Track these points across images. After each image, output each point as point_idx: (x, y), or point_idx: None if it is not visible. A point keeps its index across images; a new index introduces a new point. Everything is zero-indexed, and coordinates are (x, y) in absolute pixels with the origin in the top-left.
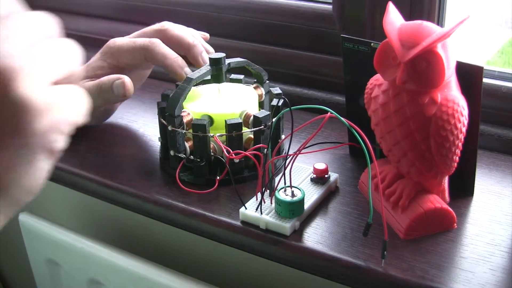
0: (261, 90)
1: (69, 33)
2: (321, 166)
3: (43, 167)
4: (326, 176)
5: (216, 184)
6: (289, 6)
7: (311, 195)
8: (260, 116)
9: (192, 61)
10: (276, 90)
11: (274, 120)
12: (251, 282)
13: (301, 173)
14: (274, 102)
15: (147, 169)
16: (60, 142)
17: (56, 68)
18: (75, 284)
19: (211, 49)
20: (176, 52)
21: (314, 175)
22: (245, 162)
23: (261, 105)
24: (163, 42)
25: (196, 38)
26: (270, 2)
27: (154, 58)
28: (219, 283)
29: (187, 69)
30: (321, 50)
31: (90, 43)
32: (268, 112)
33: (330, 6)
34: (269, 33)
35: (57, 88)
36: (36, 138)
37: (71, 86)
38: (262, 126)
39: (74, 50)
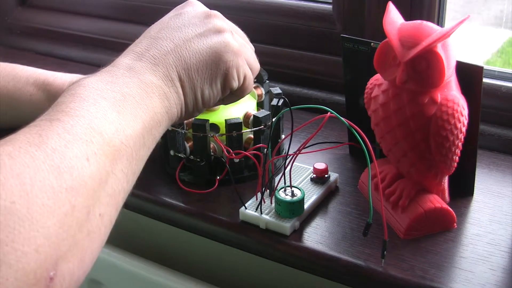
0: (261, 90)
1: (69, 33)
2: (321, 166)
3: (218, 91)
4: (326, 176)
5: (216, 184)
6: (289, 6)
7: (311, 195)
8: (260, 116)
9: None
10: (276, 90)
11: (274, 120)
12: (251, 282)
13: (301, 173)
14: (274, 102)
15: (147, 169)
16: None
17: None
18: None
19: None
20: None
21: (314, 175)
22: (245, 162)
23: (261, 105)
24: None
25: None
26: (270, 2)
27: None
28: (219, 283)
29: None
30: (321, 50)
31: (90, 43)
32: (268, 112)
33: (330, 6)
34: (269, 33)
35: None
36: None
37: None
38: (262, 126)
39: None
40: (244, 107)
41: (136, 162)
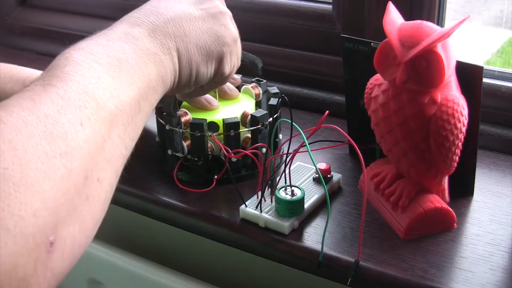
0: (259, 90)
1: (69, 33)
2: (323, 166)
3: (211, 72)
4: (328, 176)
5: (214, 183)
6: (289, 6)
7: (313, 194)
8: (258, 115)
9: (219, 92)
10: (274, 89)
11: (273, 120)
12: (250, 281)
13: (303, 173)
14: (273, 101)
15: (146, 169)
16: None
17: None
18: (75, 284)
19: (236, 76)
20: None
21: (317, 175)
22: (243, 161)
23: (258, 104)
24: None
25: None
26: (270, 2)
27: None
28: (218, 282)
29: (206, 96)
30: (321, 50)
31: None
32: (266, 112)
33: (330, 6)
34: (269, 33)
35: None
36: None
37: None
38: (260, 125)
39: None
40: (243, 107)
41: (133, 128)
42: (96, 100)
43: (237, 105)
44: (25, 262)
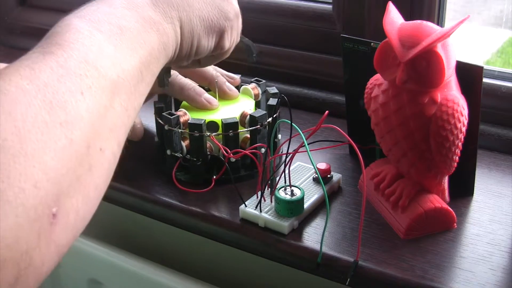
0: (258, 90)
1: None
2: (323, 166)
3: (212, 45)
4: (328, 176)
5: (213, 183)
6: (289, 6)
7: (312, 194)
8: (257, 115)
9: (219, 92)
10: (273, 89)
11: (272, 120)
12: (250, 281)
13: (303, 172)
14: (272, 101)
15: (145, 169)
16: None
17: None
18: (75, 284)
19: (236, 76)
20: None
21: (316, 175)
22: (242, 161)
23: (257, 105)
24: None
25: (216, 70)
26: (270, 2)
27: (171, 89)
28: (217, 282)
29: (206, 95)
30: (321, 50)
31: None
32: (265, 112)
33: (330, 6)
34: (269, 33)
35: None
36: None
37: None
38: (259, 126)
39: None
40: (242, 106)
41: (135, 97)
42: (97, 69)
43: (236, 105)
44: (27, 235)
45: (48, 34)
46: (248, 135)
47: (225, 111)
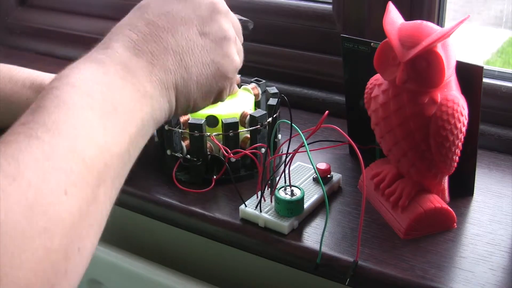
0: (258, 90)
1: (69, 33)
2: (323, 166)
3: (209, 102)
4: (328, 176)
5: (213, 183)
6: (289, 6)
7: (312, 194)
8: (257, 115)
9: None
10: (273, 89)
11: (272, 120)
12: (250, 281)
13: (303, 173)
14: (272, 101)
15: (145, 169)
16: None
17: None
18: None
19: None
20: None
21: (316, 175)
22: (242, 161)
23: (257, 105)
24: None
25: None
26: (270, 2)
27: None
28: (217, 282)
29: None
30: (321, 50)
31: (90, 43)
32: (265, 112)
33: (330, 6)
34: (269, 33)
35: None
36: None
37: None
38: (259, 126)
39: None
40: (242, 101)
41: (120, 180)
42: (84, 161)
43: (236, 100)
44: None
45: (37, 102)
46: (248, 135)
47: (224, 106)
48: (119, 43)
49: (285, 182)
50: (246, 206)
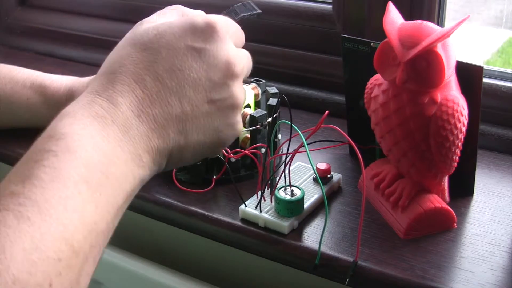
0: (258, 90)
1: (69, 33)
2: (323, 166)
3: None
4: (328, 176)
5: (213, 183)
6: (289, 6)
7: (312, 194)
8: (257, 115)
9: None
10: (273, 89)
11: (272, 120)
12: (250, 281)
13: (303, 173)
14: (272, 101)
15: None
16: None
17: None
18: None
19: None
20: None
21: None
22: (242, 161)
23: (257, 104)
24: None
25: None
26: (270, 2)
27: None
28: (218, 282)
29: None
30: (321, 50)
31: (90, 43)
32: (265, 112)
33: (330, 6)
34: (269, 33)
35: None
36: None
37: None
38: (259, 126)
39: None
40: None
41: (100, 254)
42: (72, 246)
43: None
44: None
45: (30, 154)
46: (248, 135)
47: None
48: (124, 99)
49: (285, 182)
50: (246, 206)
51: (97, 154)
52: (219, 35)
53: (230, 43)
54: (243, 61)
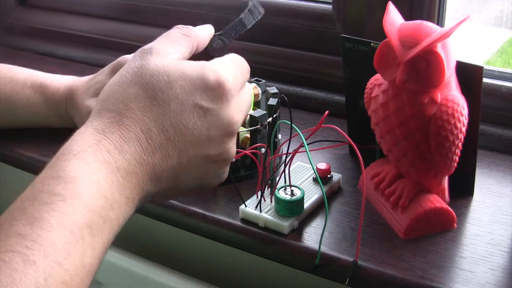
0: (258, 90)
1: (69, 33)
2: (323, 166)
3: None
4: (328, 176)
5: None
6: (289, 6)
7: (312, 194)
8: (257, 115)
9: None
10: (273, 89)
11: (272, 120)
12: (250, 281)
13: (303, 173)
14: (272, 101)
15: None
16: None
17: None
18: None
19: None
20: None
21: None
22: (242, 161)
23: (257, 104)
24: None
25: None
26: (270, 2)
27: None
28: (218, 282)
29: None
30: (321, 50)
31: (90, 43)
32: (265, 112)
33: (330, 6)
34: (269, 33)
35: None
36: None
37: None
38: (259, 126)
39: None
40: None
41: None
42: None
43: None
44: None
45: (40, 207)
46: (248, 135)
47: None
48: (130, 146)
49: (285, 182)
50: (246, 206)
51: (101, 200)
52: (227, 97)
53: (236, 100)
54: (243, 114)
